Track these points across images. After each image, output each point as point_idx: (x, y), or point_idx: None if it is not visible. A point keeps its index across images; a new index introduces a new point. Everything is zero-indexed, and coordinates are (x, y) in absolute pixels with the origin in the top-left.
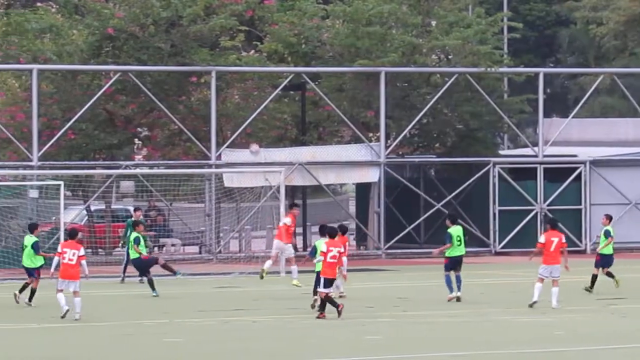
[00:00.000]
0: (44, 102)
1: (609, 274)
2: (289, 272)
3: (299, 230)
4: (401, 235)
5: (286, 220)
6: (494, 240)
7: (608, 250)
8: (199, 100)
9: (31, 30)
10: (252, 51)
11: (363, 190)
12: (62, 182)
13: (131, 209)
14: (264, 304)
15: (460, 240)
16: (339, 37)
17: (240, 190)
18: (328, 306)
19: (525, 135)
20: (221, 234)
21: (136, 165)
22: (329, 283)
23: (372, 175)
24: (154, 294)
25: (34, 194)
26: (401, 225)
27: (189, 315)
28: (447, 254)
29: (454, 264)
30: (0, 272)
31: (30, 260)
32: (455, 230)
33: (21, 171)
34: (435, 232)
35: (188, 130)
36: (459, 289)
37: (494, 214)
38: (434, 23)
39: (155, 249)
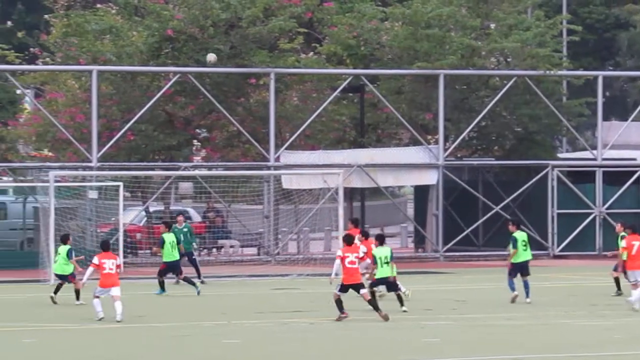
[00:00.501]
0: (104, 103)
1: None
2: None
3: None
4: (459, 237)
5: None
6: (552, 244)
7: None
8: (257, 101)
9: (91, 31)
10: (311, 53)
11: (421, 192)
12: (121, 183)
13: (190, 210)
14: (321, 305)
15: (525, 245)
16: (397, 40)
17: (298, 192)
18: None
19: (584, 139)
20: (279, 236)
21: (195, 167)
22: (345, 289)
23: (430, 178)
24: (198, 290)
25: (93, 194)
26: (459, 227)
27: (247, 316)
28: (512, 260)
29: (519, 269)
30: None
31: (62, 268)
32: (521, 235)
33: (81, 172)
34: (493, 235)
35: (247, 131)
36: (527, 294)
37: (552, 217)
38: (492, 26)
39: (214, 250)
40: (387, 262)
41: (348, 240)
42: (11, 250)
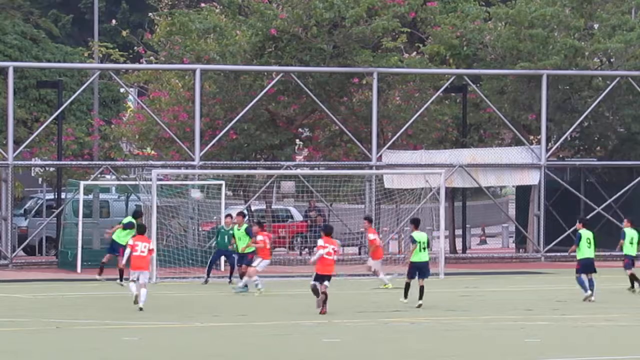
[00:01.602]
0: (207, 102)
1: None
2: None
3: (458, 232)
4: (561, 238)
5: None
6: None
7: (627, 250)
8: (360, 101)
9: (195, 30)
10: (414, 53)
11: (523, 193)
12: (223, 182)
13: (292, 209)
14: (423, 305)
15: (590, 243)
16: (500, 40)
17: (400, 191)
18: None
19: None
20: (380, 235)
21: (297, 166)
22: (321, 278)
23: (532, 178)
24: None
25: (195, 193)
26: (561, 228)
27: (348, 315)
28: (578, 257)
29: (584, 266)
30: (161, 271)
31: (119, 237)
32: (586, 233)
33: (183, 170)
34: (595, 235)
35: (349, 131)
36: (592, 291)
37: None
38: (596, 26)
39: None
40: (424, 248)
41: (327, 232)
42: None
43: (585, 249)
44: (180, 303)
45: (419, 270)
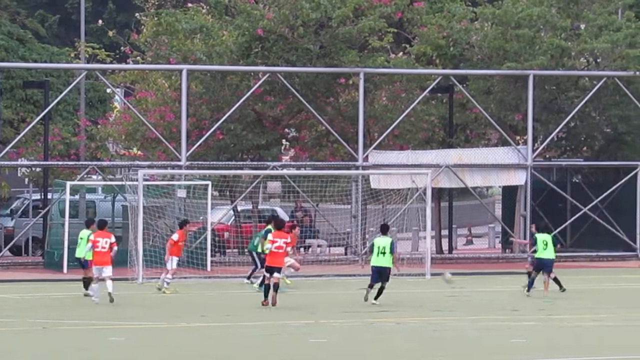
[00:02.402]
0: (193, 102)
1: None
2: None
3: (445, 232)
4: None
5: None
6: None
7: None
8: (346, 101)
9: (181, 30)
10: (401, 53)
11: (509, 193)
12: (209, 182)
13: (278, 209)
14: (409, 306)
15: (546, 245)
16: (487, 40)
17: (386, 191)
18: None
19: None
20: (367, 236)
21: (283, 166)
22: (272, 271)
23: (519, 178)
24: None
25: (181, 193)
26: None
27: (334, 316)
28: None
29: (537, 266)
30: (147, 271)
31: (84, 252)
32: (541, 236)
33: (169, 171)
34: (581, 236)
35: (336, 131)
36: (528, 289)
37: None
38: (583, 26)
39: (302, 249)
40: (383, 252)
41: (278, 226)
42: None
43: (542, 251)
44: (167, 303)
45: (379, 274)
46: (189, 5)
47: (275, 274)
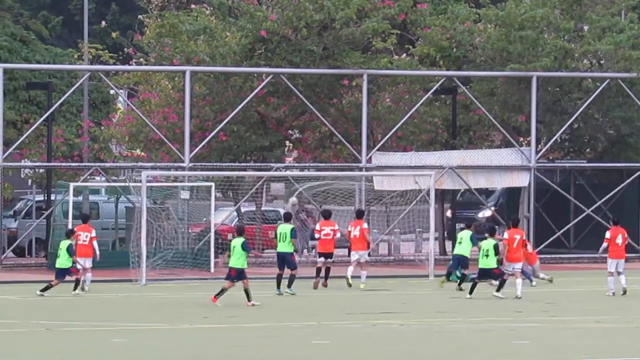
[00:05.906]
0: (197, 104)
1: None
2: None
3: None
4: (550, 240)
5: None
6: None
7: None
8: (350, 103)
9: (185, 32)
10: (404, 55)
11: (513, 194)
12: (213, 184)
13: (281, 211)
14: (412, 307)
15: (488, 253)
16: (490, 41)
17: (390, 193)
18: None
19: None
20: (370, 237)
21: (287, 168)
22: (324, 256)
23: (522, 180)
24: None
25: (185, 195)
26: (550, 230)
27: (337, 317)
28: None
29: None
30: (150, 273)
31: (64, 263)
32: (486, 244)
33: (173, 172)
34: (584, 237)
35: (339, 133)
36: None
37: None
38: (586, 28)
39: (305, 251)
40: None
41: (325, 215)
42: (103, 250)
43: (483, 259)
44: (169, 305)
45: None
46: (193, 6)
47: (327, 259)
